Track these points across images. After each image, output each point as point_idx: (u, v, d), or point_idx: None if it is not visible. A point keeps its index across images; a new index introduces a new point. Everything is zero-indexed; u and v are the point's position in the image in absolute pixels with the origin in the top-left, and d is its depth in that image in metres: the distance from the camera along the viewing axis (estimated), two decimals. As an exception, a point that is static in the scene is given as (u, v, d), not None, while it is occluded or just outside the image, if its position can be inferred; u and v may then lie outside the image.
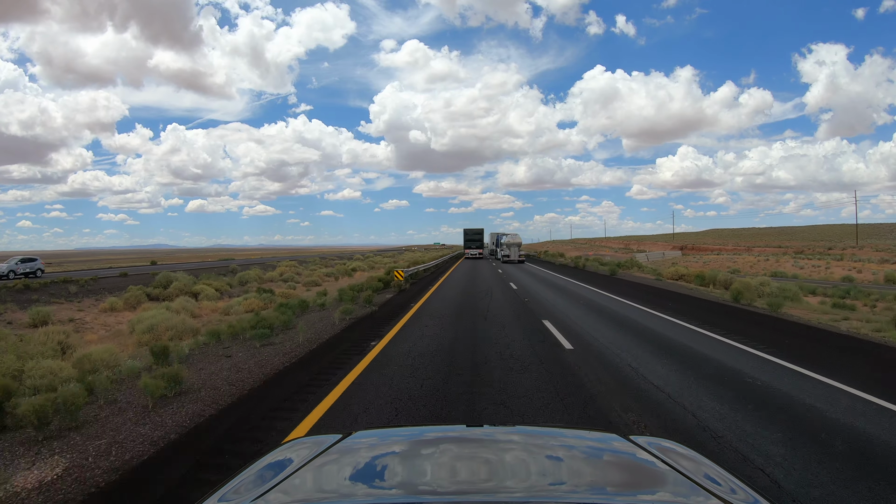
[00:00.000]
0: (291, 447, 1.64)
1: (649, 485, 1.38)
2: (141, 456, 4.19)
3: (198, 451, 4.33)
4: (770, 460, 3.97)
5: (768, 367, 7.16)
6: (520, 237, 49.87)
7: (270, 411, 5.35)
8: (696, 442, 4.32)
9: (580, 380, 6.41)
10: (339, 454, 1.52)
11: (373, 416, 5.10)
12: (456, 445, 1.67)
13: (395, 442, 1.73)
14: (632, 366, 7.19)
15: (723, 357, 7.83)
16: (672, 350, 8.37)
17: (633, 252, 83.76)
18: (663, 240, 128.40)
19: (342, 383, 6.30)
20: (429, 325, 10.90)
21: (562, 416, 5.09)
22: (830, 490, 3.49)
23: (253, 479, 1.35)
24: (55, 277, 29.50)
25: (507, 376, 6.56)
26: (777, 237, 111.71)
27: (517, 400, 5.58)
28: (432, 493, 1.22)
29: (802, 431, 4.61)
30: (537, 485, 1.31)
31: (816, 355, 7.93)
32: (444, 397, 5.70)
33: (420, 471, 1.43)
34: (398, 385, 6.18)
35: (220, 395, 5.90)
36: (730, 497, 1.21)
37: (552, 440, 1.76)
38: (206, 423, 5.01)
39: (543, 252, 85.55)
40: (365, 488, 1.33)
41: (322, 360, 7.80)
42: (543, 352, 8.11)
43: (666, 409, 5.32)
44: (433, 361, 7.44)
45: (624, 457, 1.56)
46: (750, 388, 6.06)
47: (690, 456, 1.56)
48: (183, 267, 43.16)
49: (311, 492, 1.30)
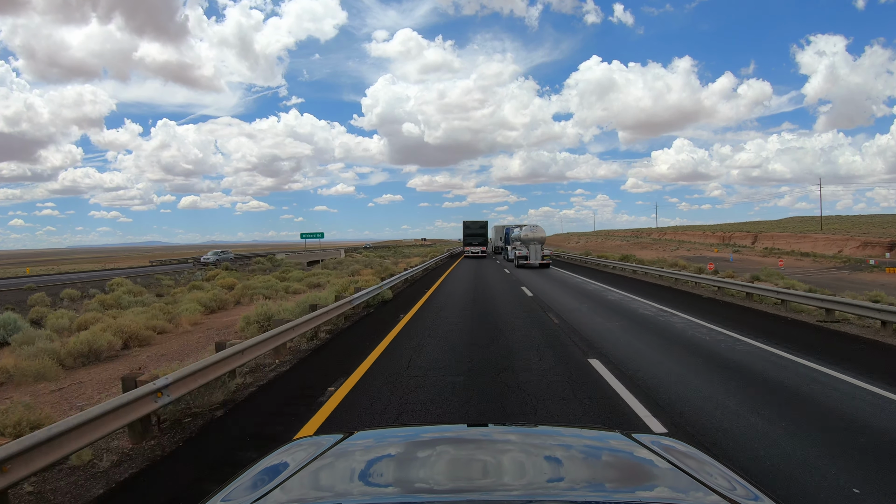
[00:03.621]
0: (292, 448, 1.63)
1: (648, 481, 1.39)
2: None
3: None
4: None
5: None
6: (543, 230, 31.99)
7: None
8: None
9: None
10: (340, 454, 1.53)
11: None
12: (456, 445, 1.68)
13: (395, 442, 1.72)
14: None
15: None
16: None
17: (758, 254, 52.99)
18: (700, 230, 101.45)
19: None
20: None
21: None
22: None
23: (255, 479, 1.36)
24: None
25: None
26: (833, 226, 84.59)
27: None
28: (430, 491, 1.24)
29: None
30: (535, 482, 1.33)
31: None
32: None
33: (419, 470, 1.44)
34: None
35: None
36: (731, 494, 1.21)
37: (550, 439, 1.74)
38: None
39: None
40: (365, 488, 1.33)
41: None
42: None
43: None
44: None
45: (623, 454, 1.56)
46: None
47: (692, 454, 1.55)
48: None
49: (312, 492, 1.31)
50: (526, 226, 33.84)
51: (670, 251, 66.40)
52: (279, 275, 26.11)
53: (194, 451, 4.47)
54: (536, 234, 31.41)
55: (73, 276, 36.36)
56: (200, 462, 4.26)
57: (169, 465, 4.19)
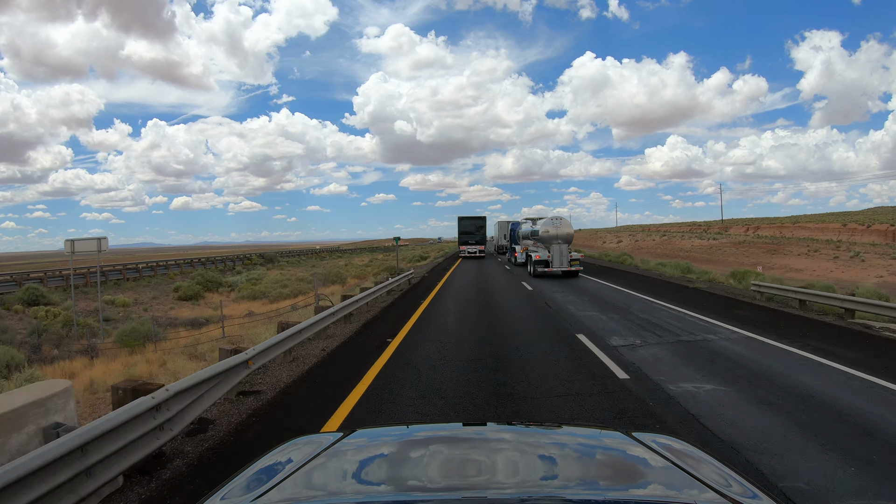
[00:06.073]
0: (291, 446, 1.63)
1: (643, 478, 1.37)
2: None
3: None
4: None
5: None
6: (569, 223, 22.85)
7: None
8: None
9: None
10: (339, 453, 1.53)
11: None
12: (452, 443, 1.68)
13: (393, 441, 1.72)
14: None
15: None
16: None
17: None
18: (811, 221, 74.69)
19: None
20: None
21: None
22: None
23: (253, 478, 1.37)
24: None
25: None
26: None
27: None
28: (424, 489, 1.24)
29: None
30: (529, 480, 1.33)
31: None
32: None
33: (416, 468, 1.44)
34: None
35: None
36: (728, 491, 1.20)
37: (546, 437, 1.73)
38: None
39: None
40: (363, 486, 1.33)
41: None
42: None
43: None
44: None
45: (618, 452, 1.55)
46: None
47: (689, 451, 1.53)
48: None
49: (310, 490, 1.31)
50: (543, 219, 24.16)
51: (846, 260, 38.66)
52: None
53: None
54: (561, 230, 22.26)
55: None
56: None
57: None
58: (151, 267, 42.45)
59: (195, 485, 3.83)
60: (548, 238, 22.37)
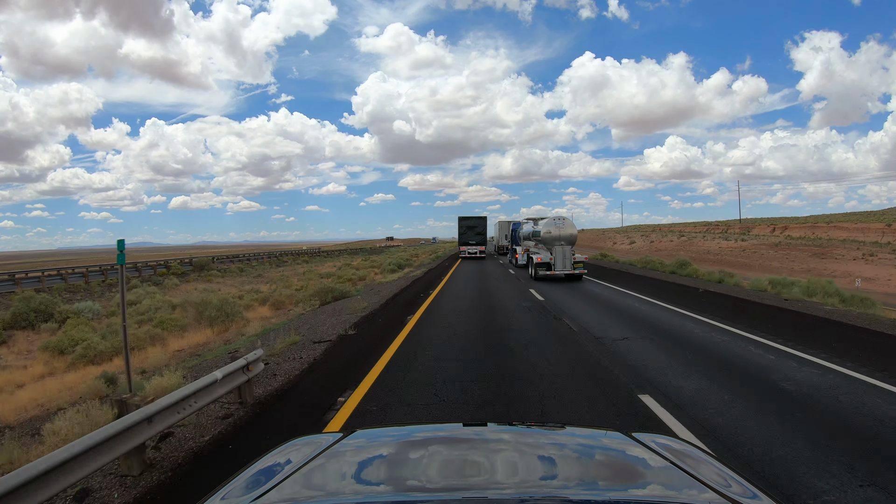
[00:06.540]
0: (291, 447, 1.63)
1: (642, 478, 1.37)
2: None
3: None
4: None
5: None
6: (572, 224, 22.00)
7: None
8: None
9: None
10: (339, 453, 1.53)
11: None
12: (452, 444, 1.66)
13: (393, 441, 1.72)
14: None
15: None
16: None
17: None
18: (847, 220, 63.75)
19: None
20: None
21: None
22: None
23: (253, 478, 1.36)
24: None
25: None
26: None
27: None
28: (423, 490, 1.24)
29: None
30: (528, 480, 1.32)
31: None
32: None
33: (416, 469, 1.43)
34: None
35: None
36: (727, 491, 1.19)
37: (545, 438, 1.71)
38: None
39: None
40: (363, 487, 1.33)
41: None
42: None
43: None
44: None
45: (618, 452, 1.55)
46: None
47: (689, 452, 1.53)
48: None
49: (310, 491, 1.31)
50: (545, 219, 23.17)
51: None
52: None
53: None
54: (564, 231, 21.36)
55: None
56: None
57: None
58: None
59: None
60: (550, 239, 21.28)
